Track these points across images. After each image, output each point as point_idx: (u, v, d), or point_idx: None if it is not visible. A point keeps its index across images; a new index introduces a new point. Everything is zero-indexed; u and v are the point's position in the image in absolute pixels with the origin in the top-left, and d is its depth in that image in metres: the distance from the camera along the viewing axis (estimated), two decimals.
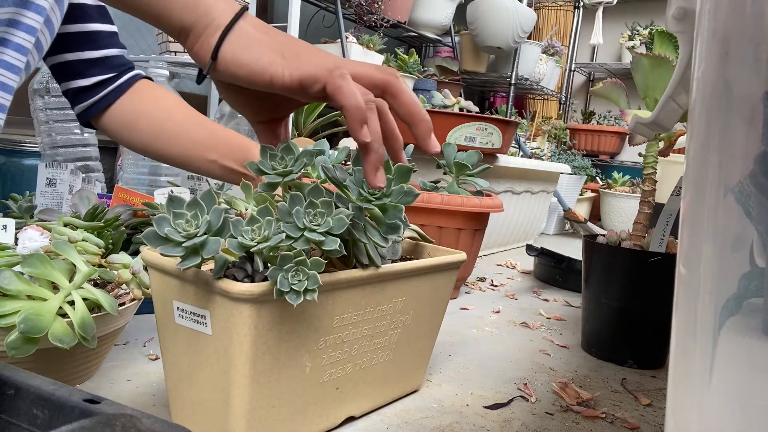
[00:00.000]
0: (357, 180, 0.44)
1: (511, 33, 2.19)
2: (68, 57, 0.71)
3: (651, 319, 0.70)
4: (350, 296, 0.44)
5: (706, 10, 0.25)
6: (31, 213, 0.75)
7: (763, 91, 0.23)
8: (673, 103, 0.53)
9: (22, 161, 1.19)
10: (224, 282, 0.37)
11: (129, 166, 1.22)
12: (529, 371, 0.67)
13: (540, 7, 2.86)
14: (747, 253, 0.23)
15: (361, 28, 1.91)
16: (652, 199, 0.74)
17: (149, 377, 0.54)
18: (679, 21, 0.42)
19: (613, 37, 3.01)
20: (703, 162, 0.25)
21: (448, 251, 0.56)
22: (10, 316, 0.43)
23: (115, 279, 0.52)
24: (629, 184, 2.28)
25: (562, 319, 0.91)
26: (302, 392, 0.43)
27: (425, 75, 2.05)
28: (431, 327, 0.55)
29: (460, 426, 0.51)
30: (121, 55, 0.74)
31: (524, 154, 1.95)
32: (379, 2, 1.89)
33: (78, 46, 0.71)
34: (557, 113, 3.00)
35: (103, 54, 0.72)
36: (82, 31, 0.71)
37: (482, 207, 0.88)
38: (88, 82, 0.71)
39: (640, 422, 0.55)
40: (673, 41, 0.70)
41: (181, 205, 0.38)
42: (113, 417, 0.21)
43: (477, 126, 1.18)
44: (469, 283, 1.10)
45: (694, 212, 0.25)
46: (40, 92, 1.12)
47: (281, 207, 0.40)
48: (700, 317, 0.25)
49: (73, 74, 0.71)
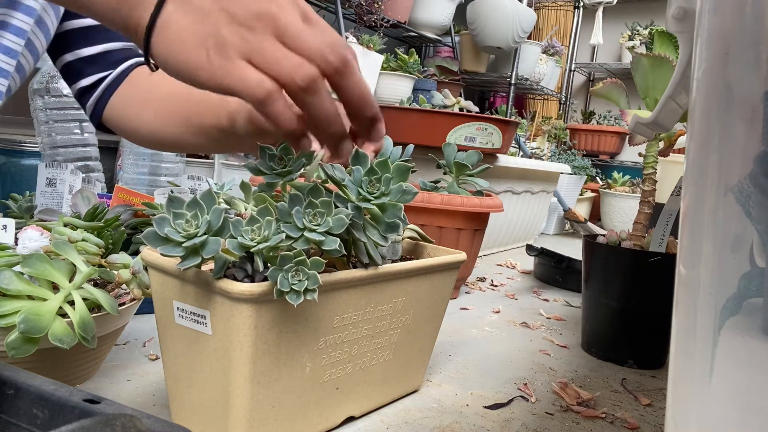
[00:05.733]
0: (356, 179, 0.44)
1: (511, 33, 2.19)
2: (68, 58, 0.68)
3: (651, 319, 0.70)
4: (350, 296, 0.44)
5: (706, 10, 0.25)
6: (31, 213, 0.75)
7: (763, 91, 0.23)
8: (673, 103, 0.53)
9: (22, 161, 1.19)
10: (224, 282, 0.37)
11: (129, 166, 1.22)
12: (529, 371, 0.67)
13: (540, 7, 2.86)
14: (747, 253, 0.23)
15: (361, 28, 1.91)
16: (652, 199, 0.74)
17: (149, 377, 0.54)
18: (679, 21, 0.42)
19: (613, 37, 3.01)
20: (703, 162, 0.25)
21: (448, 251, 0.56)
22: (10, 316, 0.43)
23: (115, 279, 0.52)
24: (629, 184, 2.28)
25: (562, 319, 0.91)
26: (302, 392, 0.43)
27: (425, 75, 2.05)
28: (431, 327, 0.55)
29: (460, 426, 0.51)
30: (123, 49, 0.70)
31: (524, 154, 1.95)
32: (379, 2, 1.89)
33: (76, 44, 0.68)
34: (557, 113, 3.00)
35: (102, 49, 0.68)
36: (79, 26, 0.68)
37: (482, 207, 0.88)
38: (88, 82, 0.69)
39: (640, 422, 0.55)
40: (673, 41, 0.70)
41: (181, 205, 0.38)
42: (113, 417, 0.21)
43: (477, 126, 1.18)
44: (469, 283, 1.10)
45: (694, 212, 0.25)
46: (40, 92, 1.12)
47: (281, 207, 0.40)
48: (700, 317, 0.25)
49: (75, 75, 0.69)
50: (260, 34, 0.36)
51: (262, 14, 0.36)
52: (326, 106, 0.37)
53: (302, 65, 0.35)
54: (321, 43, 0.36)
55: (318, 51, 0.36)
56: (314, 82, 0.36)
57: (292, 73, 0.35)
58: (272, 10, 0.36)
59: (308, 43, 0.36)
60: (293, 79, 0.35)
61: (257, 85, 0.35)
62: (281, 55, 0.36)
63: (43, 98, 1.12)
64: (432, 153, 1.01)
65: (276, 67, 0.35)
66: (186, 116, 0.63)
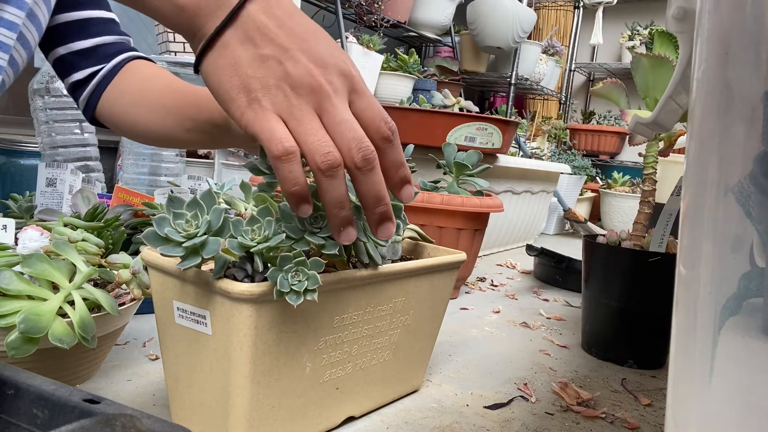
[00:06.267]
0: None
1: (511, 33, 2.19)
2: (61, 51, 0.67)
3: (651, 319, 0.70)
4: (350, 296, 0.44)
5: (706, 10, 0.25)
6: (31, 213, 0.76)
7: (763, 91, 0.23)
8: (673, 103, 0.53)
9: (22, 161, 1.19)
10: (224, 282, 0.37)
11: (129, 166, 1.22)
12: (529, 371, 0.67)
13: (540, 7, 2.86)
14: (747, 253, 0.23)
15: (361, 28, 1.91)
16: (652, 199, 0.74)
17: (149, 377, 0.54)
18: (679, 21, 0.42)
19: (613, 37, 3.01)
20: (703, 162, 0.25)
21: (448, 251, 0.56)
22: (10, 316, 0.43)
23: (115, 279, 0.52)
24: (629, 184, 2.28)
25: (562, 319, 0.91)
26: (302, 392, 0.43)
27: (425, 75, 2.05)
28: (431, 327, 0.55)
29: (460, 426, 0.51)
30: (117, 43, 0.69)
31: (524, 154, 1.95)
32: (379, 2, 1.89)
33: (69, 37, 0.66)
34: (557, 113, 3.00)
35: (95, 42, 0.67)
36: (72, 19, 0.66)
37: (482, 207, 0.88)
38: (81, 75, 0.67)
39: (640, 422, 0.55)
40: (673, 41, 0.70)
41: (181, 205, 0.38)
42: (113, 417, 0.21)
43: (477, 126, 1.18)
44: (469, 283, 1.10)
45: (694, 212, 0.25)
46: (40, 92, 1.12)
47: (283, 208, 0.40)
48: (700, 317, 0.25)
49: (68, 69, 0.67)
50: (305, 104, 0.37)
51: (314, 89, 0.37)
52: (339, 192, 0.38)
53: (329, 151, 0.36)
54: (352, 138, 0.37)
55: (347, 145, 0.37)
56: (334, 169, 0.37)
57: (316, 152, 0.36)
58: (325, 89, 0.37)
59: (341, 134, 0.37)
60: (315, 158, 0.36)
61: (279, 140, 0.36)
62: (314, 132, 0.36)
63: (43, 98, 1.12)
64: (432, 153, 1.01)
65: (305, 138, 0.36)
66: (180, 111, 0.62)
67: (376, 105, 0.39)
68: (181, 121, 0.62)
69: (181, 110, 0.62)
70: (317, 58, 0.37)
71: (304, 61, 0.37)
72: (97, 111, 0.68)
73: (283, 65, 0.37)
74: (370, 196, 0.39)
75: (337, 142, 0.37)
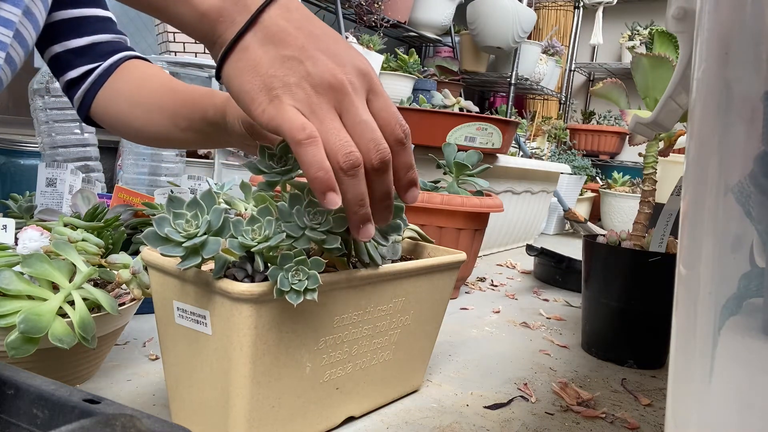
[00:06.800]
0: None
1: (511, 33, 2.19)
2: (56, 49, 0.67)
3: (651, 319, 0.70)
4: (350, 296, 0.44)
5: (706, 10, 0.25)
6: (31, 213, 0.76)
7: (763, 91, 0.23)
8: (673, 103, 0.53)
9: (22, 161, 1.19)
10: (224, 282, 0.37)
11: (129, 166, 1.22)
12: (529, 371, 0.67)
13: (540, 7, 2.86)
14: (747, 253, 0.23)
15: (361, 28, 1.91)
16: (652, 199, 0.74)
17: (149, 377, 0.54)
18: (679, 21, 0.42)
19: (613, 37, 3.02)
20: (703, 162, 0.25)
21: (448, 251, 0.56)
22: (10, 316, 0.43)
23: (115, 279, 0.52)
24: (629, 184, 2.28)
25: (562, 319, 0.91)
26: (302, 392, 0.43)
27: (425, 75, 2.05)
28: (431, 327, 0.55)
29: (460, 426, 0.51)
30: (113, 41, 0.69)
31: (524, 154, 1.95)
32: (379, 2, 1.89)
33: (65, 35, 0.66)
34: (557, 113, 3.00)
35: (91, 41, 0.67)
36: (69, 17, 0.66)
37: (482, 207, 0.88)
38: (76, 74, 0.67)
39: (640, 422, 0.55)
40: (673, 41, 0.70)
41: (181, 205, 0.38)
42: (113, 417, 0.21)
43: (477, 126, 1.18)
44: (469, 283, 1.10)
45: (694, 212, 0.25)
46: (40, 92, 1.12)
47: (281, 207, 0.40)
48: (700, 317, 0.25)
49: (63, 67, 0.67)
50: (325, 102, 0.37)
51: (335, 87, 0.37)
52: (360, 191, 0.38)
53: (351, 151, 0.37)
54: (371, 139, 0.37)
55: (366, 145, 0.37)
56: (355, 168, 0.37)
57: (338, 151, 0.36)
58: (345, 87, 0.37)
59: (360, 135, 0.37)
60: (337, 157, 0.36)
61: (301, 125, 0.36)
62: (336, 131, 0.37)
63: (43, 98, 1.12)
64: (432, 153, 1.02)
65: (326, 136, 0.36)
66: (174, 110, 0.62)
67: (391, 106, 0.39)
68: (176, 121, 0.62)
69: (176, 110, 0.62)
70: (337, 57, 0.37)
71: (324, 60, 0.37)
72: (91, 110, 0.68)
73: (303, 64, 0.37)
74: (379, 193, 0.40)
75: (356, 142, 0.37)
